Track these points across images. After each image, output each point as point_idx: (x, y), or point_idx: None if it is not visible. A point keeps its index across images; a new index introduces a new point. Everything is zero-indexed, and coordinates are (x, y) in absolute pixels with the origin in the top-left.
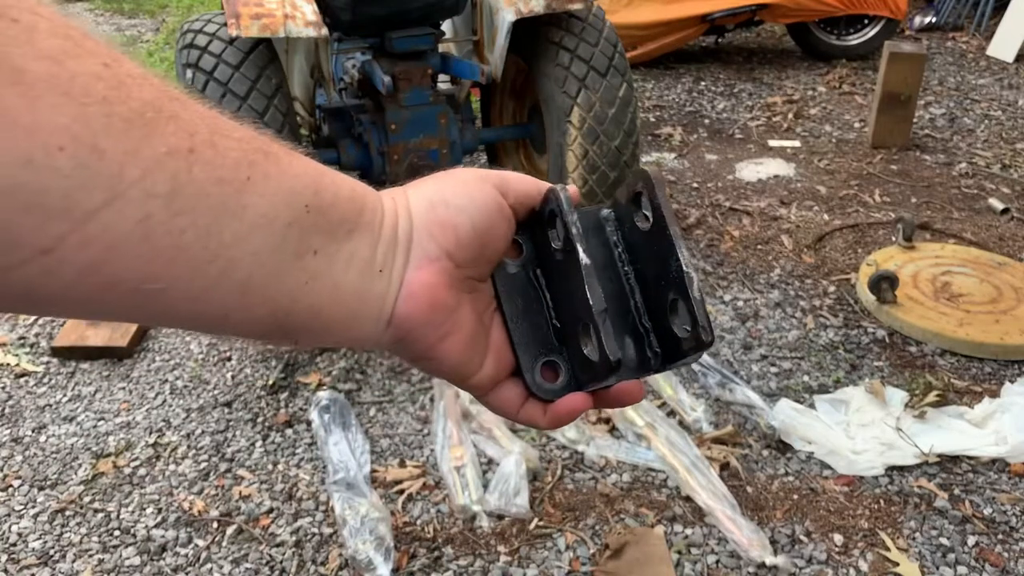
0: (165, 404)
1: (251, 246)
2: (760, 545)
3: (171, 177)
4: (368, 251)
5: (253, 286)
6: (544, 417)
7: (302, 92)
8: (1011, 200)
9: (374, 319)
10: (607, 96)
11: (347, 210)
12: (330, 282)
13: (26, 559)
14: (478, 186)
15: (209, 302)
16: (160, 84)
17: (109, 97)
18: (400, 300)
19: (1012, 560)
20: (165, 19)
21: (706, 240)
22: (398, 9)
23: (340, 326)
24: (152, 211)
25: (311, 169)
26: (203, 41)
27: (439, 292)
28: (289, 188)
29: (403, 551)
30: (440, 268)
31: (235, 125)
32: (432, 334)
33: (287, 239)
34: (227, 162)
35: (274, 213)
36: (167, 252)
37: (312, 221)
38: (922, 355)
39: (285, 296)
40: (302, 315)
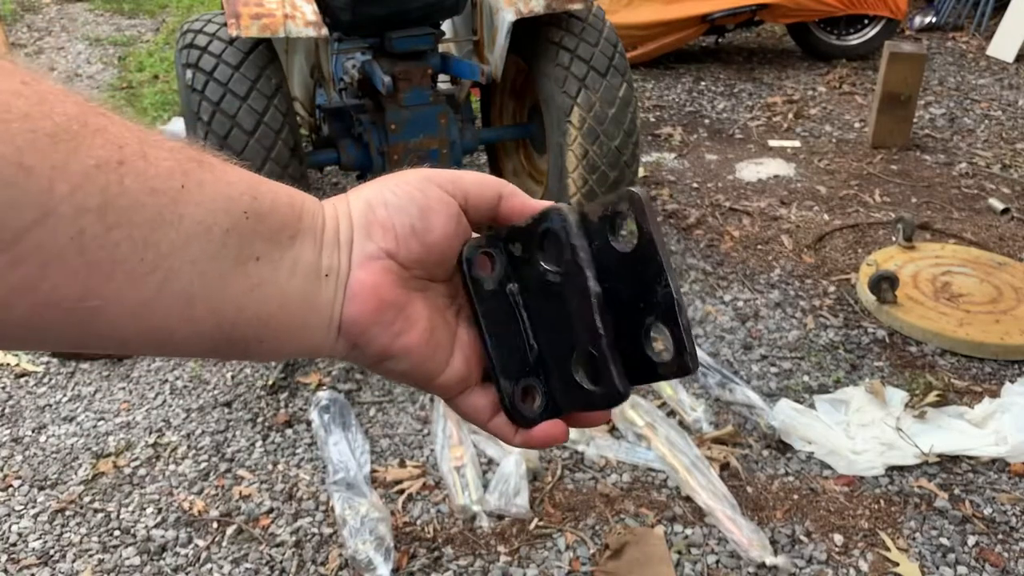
0: (165, 404)
1: (189, 255)
2: (760, 545)
3: (102, 190)
4: (312, 256)
5: (196, 296)
6: (515, 436)
7: (302, 92)
8: (1011, 200)
9: (325, 326)
10: (607, 96)
11: (287, 215)
12: (276, 289)
13: (26, 559)
14: (420, 186)
15: (152, 317)
16: (83, 100)
17: (31, 113)
18: (346, 303)
19: (1012, 560)
20: (165, 19)
21: (706, 240)
22: (398, 9)
23: (290, 336)
24: (85, 226)
25: (247, 177)
26: (203, 41)
27: (383, 290)
28: (226, 195)
29: (403, 551)
30: (382, 267)
31: (166, 137)
32: (384, 333)
33: (227, 246)
34: (160, 172)
35: (211, 220)
36: (104, 266)
37: (252, 227)
38: (922, 355)
39: (230, 305)
40: (250, 325)
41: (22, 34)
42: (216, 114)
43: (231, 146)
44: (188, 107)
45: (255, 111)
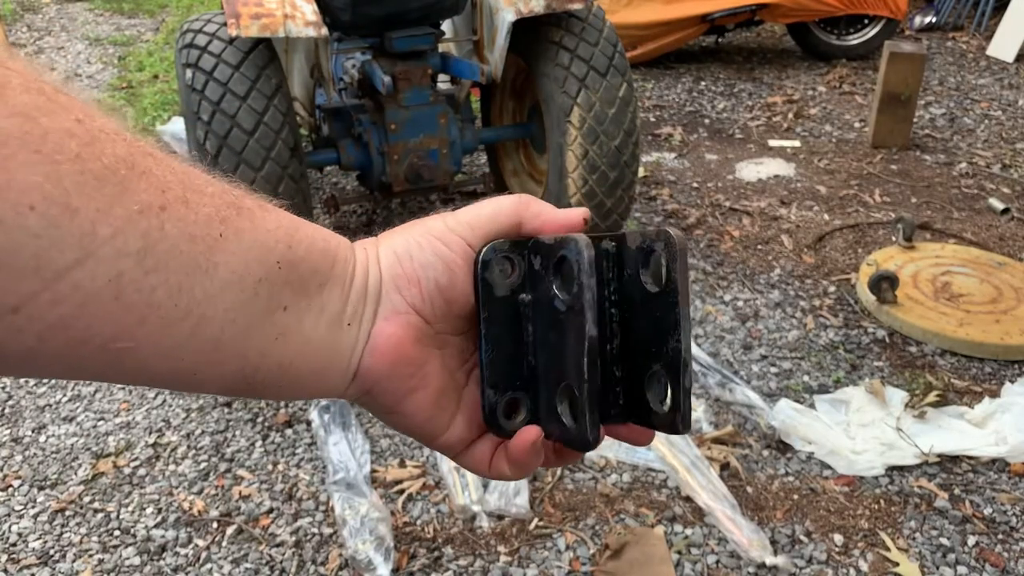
0: (165, 404)
1: (223, 303)
2: (760, 545)
3: (143, 235)
4: (339, 304)
5: (224, 343)
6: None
7: (302, 92)
8: (1011, 200)
9: (341, 373)
10: (607, 96)
11: (319, 263)
12: (299, 338)
13: (26, 559)
14: (445, 238)
15: (180, 359)
16: (133, 139)
17: (82, 154)
18: (366, 353)
19: (1012, 560)
20: (165, 19)
21: (706, 240)
22: (398, 9)
23: (308, 381)
24: (124, 269)
25: (284, 222)
26: (203, 41)
27: (405, 346)
28: (262, 244)
29: (403, 551)
30: (407, 322)
31: (208, 179)
32: (398, 388)
33: (258, 295)
34: (199, 219)
35: (245, 270)
36: (138, 310)
37: (283, 277)
38: (922, 355)
39: (254, 352)
40: (270, 371)
41: (22, 34)
42: (216, 114)
43: (231, 146)
44: (188, 107)
45: (255, 111)
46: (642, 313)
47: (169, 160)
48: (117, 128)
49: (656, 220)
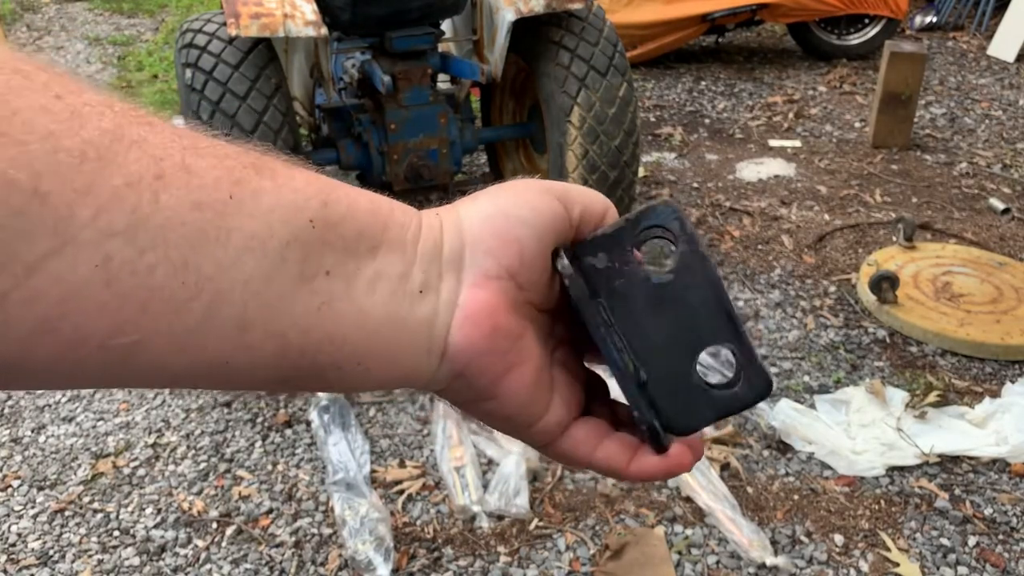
0: (164, 404)
1: (241, 274)
2: (760, 545)
3: (131, 210)
4: (400, 269)
5: (251, 321)
6: (630, 465)
7: (301, 92)
8: (1012, 200)
9: (423, 350)
10: (607, 96)
11: (366, 224)
12: (351, 307)
13: (25, 559)
14: (540, 197)
15: (201, 348)
16: (126, 110)
17: (56, 131)
18: (455, 325)
19: (1013, 560)
20: (164, 18)
21: (706, 240)
22: (398, 9)
23: (377, 359)
24: (112, 252)
25: (320, 182)
26: (202, 40)
27: (500, 314)
28: (288, 203)
29: (403, 551)
30: (500, 287)
31: (221, 144)
32: (497, 364)
33: (287, 260)
34: (205, 183)
35: (267, 233)
36: (137, 295)
37: (320, 236)
38: (923, 355)
39: (294, 328)
40: (320, 350)
41: (21, 34)
42: (216, 114)
43: None
44: (188, 106)
45: (254, 111)
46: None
47: (170, 127)
48: (108, 101)
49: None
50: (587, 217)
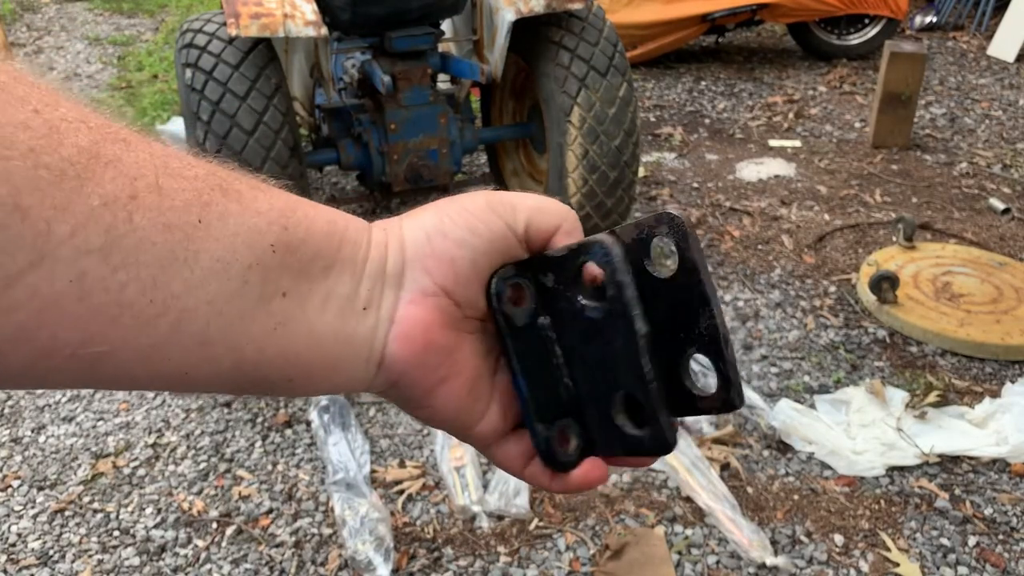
0: (164, 404)
1: (206, 294)
2: (760, 546)
3: (107, 229)
4: (348, 288)
5: (212, 338)
6: (552, 482)
7: (301, 92)
8: (1012, 200)
9: (363, 361)
10: (607, 96)
11: (322, 245)
12: (303, 326)
13: (25, 559)
14: (484, 216)
15: (164, 360)
16: (101, 125)
17: (36, 148)
18: (390, 339)
19: (1013, 560)
20: (164, 18)
21: (706, 240)
22: (397, 9)
23: (322, 372)
24: (87, 268)
25: (280, 203)
26: (202, 40)
27: (433, 330)
28: (251, 227)
29: (403, 551)
30: (435, 304)
31: (191, 162)
32: (429, 377)
33: (248, 283)
34: (176, 205)
35: (232, 256)
36: (108, 310)
37: (279, 261)
38: (923, 355)
39: (250, 345)
40: (273, 365)
41: (21, 34)
42: (216, 114)
43: (230, 146)
44: (188, 107)
45: (254, 111)
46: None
47: (145, 145)
48: (83, 115)
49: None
50: (534, 233)
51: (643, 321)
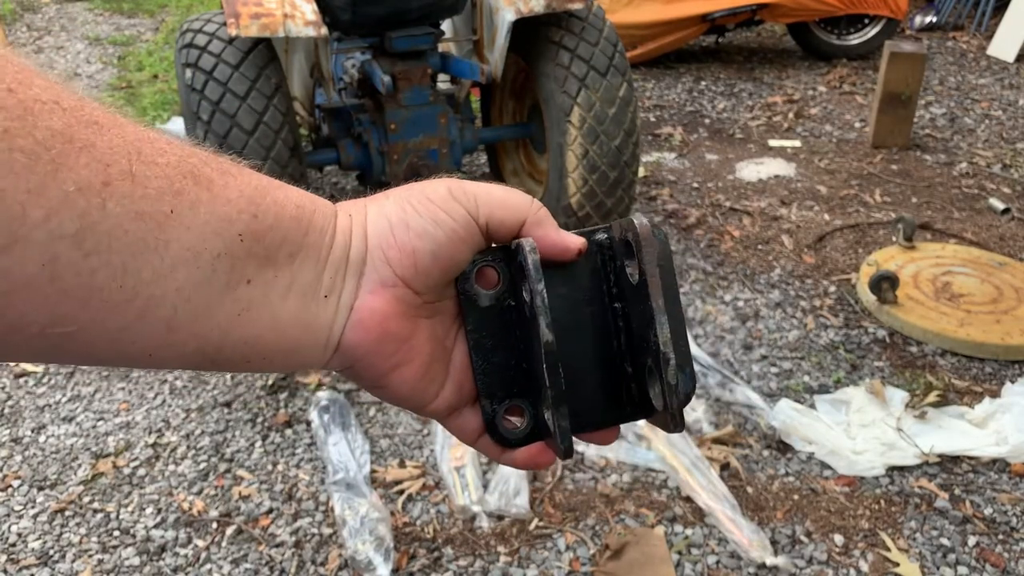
0: (164, 404)
1: (175, 282)
2: (760, 545)
3: (81, 216)
4: (311, 275)
5: (179, 323)
6: (500, 456)
7: (302, 92)
8: (1012, 200)
9: (320, 346)
10: (607, 96)
11: (290, 231)
12: (266, 312)
13: (26, 559)
14: (447, 206)
15: (130, 343)
16: (75, 106)
17: (10, 129)
18: (348, 327)
19: (1013, 560)
20: (164, 18)
21: (706, 240)
22: (397, 9)
23: (281, 355)
24: (59, 252)
25: (249, 190)
26: (203, 40)
27: (390, 321)
28: (221, 215)
29: (403, 551)
30: (394, 295)
31: (164, 147)
32: (383, 363)
33: (216, 271)
34: (148, 193)
35: (201, 245)
36: (78, 293)
37: (247, 248)
38: (923, 355)
39: (215, 331)
40: (235, 348)
41: (21, 33)
42: (216, 113)
43: (231, 145)
44: (188, 107)
45: (255, 111)
46: (633, 306)
47: (118, 128)
48: (57, 95)
49: (656, 220)
50: (497, 226)
51: (549, 330)
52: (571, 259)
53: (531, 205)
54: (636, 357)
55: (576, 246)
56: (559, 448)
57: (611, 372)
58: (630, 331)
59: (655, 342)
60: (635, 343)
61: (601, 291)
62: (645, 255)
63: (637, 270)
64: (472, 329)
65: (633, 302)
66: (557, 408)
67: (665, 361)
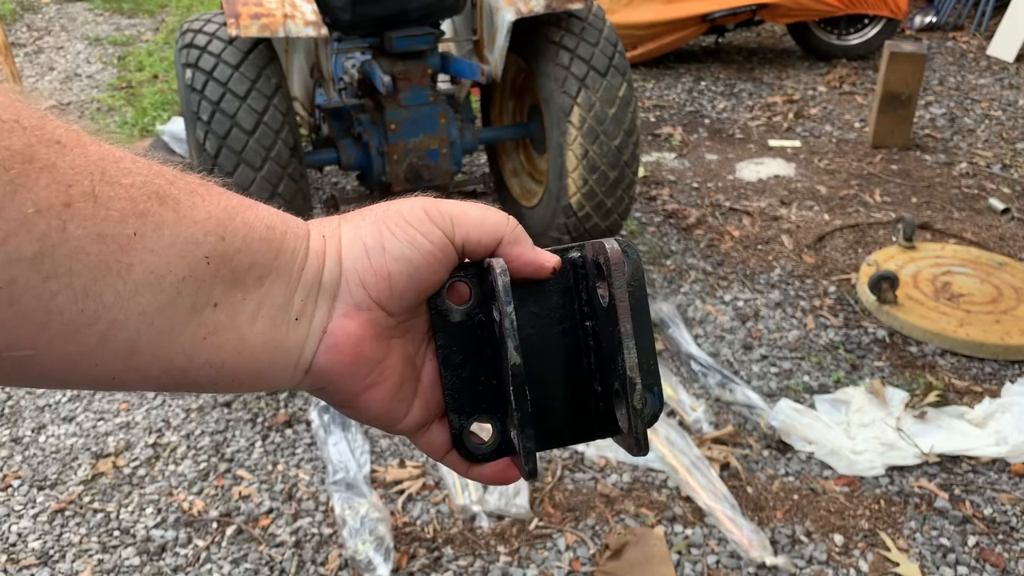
0: (164, 404)
1: (138, 306)
2: (760, 545)
3: (40, 238)
4: (282, 298)
5: (142, 347)
6: (468, 470)
7: (302, 92)
8: (1011, 200)
9: (290, 368)
10: (607, 96)
11: (259, 253)
12: (233, 335)
13: (26, 559)
14: (423, 228)
15: (92, 366)
16: (35, 126)
17: None
18: (320, 351)
19: (1012, 560)
20: (164, 19)
21: (706, 240)
22: (397, 9)
23: (250, 377)
24: (17, 275)
25: (218, 211)
26: (203, 41)
27: (365, 344)
28: (187, 238)
29: (403, 551)
30: (368, 318)
31: (130, 167)
32: (356, 385)
33: (181, 295)
34: (111, 215)
35: (166, 269)
36: (37, 316)
37: (213, 271)
38: (922, 355)
39: (180, 354)
40: (202, 370)
41: (21, 34)
42: (216, 114)
43: (231, 146)
44: (188, 107)
45: (255, 111)
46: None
47: (81, 147)
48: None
49: (656, 220)
50: (474, 247)
51: (517, 353)
52: (546, 277)
53: (507, 224)
54: (605, 376)
55: (550, 264)
56: (523, 469)
57: (580, 390)
58: (600, 350)
59: (622, 366)
60: (604, 363)
61: (573, 309)
62: (615, 280)
63: (608, 293)
64: (443, 344)
65: (604, 323)
66: (523, 430)
67: (631, 386)
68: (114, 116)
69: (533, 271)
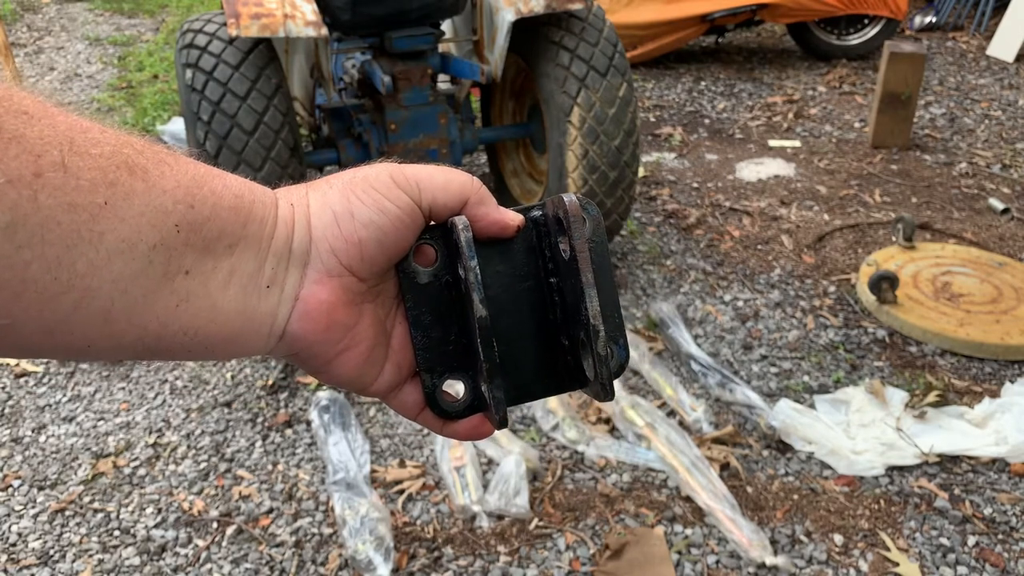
0: (165, 404)
1: (110, 274)
2: (760, 545)
3: (11, 208)
4: (252, 266)
5: (116, 314)
6: (442, 428)
7: (302, 92)
8: (1011, 200)
9: (263, 335)
10: (607, 96)
11: (228, 221)
12: (206, 303)
13: (26, 559)
14: (391, 194)
15: (67, 334)
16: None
17: None
18: (293, 318)
19: (1012, 560)
20: (165, 19)
21: (706, 240)
22: (398, 9)
23: (222, 344)
24: None
25: (186, 179)
26: (203, 41)
27: (336, 310)
28: (157, 206)
29: (403, 551)
30: (340, 284)
31: (98, 137)
32: (329, 351)
33: (152, 263)
34: (81, 185)
35: (136, 236)
36: (11, 286)
37: (184, 239)
38: (922, 355)
39: (153, 321)
40: (175, 338)
41: (22, 34)
42: (216, 114)
43: (231, 146)
44: (188, 107)
45: (255, 111)
46: (566, 280)
47: (50, 118)
48: None
49: (656, 220)
50: (440, 210)
51: (483, 306)
52: (511, 235)
53: (472, 185)
54: (571, 330)
55: (515, 223)
56: (494, 419)
57: (548, 345)
58: (565, 304)
59: (586, 315)
60: (570, 316)
61: (537, 266)
62: (574, 232)
63: (568, 245)
64: (412, 306)
65: (566, 277)
66: (492, 381)
67: (595, 333)
68: (114, 116)
69: (498, 230)
